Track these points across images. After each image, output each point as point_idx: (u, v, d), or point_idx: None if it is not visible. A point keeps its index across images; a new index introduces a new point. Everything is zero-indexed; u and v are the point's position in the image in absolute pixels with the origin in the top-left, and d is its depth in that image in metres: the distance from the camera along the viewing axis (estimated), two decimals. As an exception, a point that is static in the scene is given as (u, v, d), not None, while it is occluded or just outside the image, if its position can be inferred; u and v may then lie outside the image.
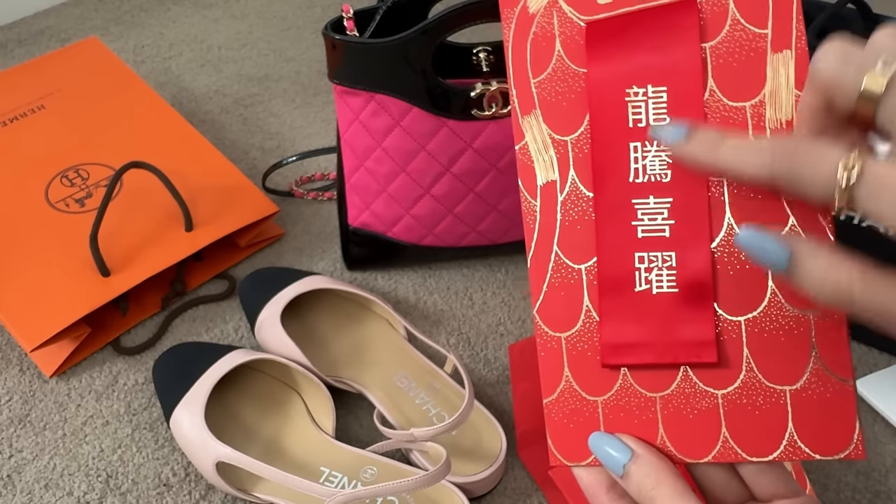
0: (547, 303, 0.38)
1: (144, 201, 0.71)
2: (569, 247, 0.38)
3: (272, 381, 0.62)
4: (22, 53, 1.01)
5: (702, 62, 0.37)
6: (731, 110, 0.37)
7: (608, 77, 0.38)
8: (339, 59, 0.62)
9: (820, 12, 0.61)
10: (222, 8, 1.11)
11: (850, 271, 0.31)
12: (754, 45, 0.37)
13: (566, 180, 0.38)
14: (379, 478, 0.56)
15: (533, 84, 0.39)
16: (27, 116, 0.78)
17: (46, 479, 0.58)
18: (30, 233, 0.69)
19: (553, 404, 0.38)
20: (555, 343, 0.38)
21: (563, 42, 0.39)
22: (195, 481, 0.58)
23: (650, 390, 0.37)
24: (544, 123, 0.39)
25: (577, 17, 0.39)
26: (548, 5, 0.39)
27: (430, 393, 0.61)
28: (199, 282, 0.72)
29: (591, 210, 0.38)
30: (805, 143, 0.31)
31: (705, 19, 0.37)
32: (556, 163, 0.39)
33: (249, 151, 0.86)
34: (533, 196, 0.39)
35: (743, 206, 0.36)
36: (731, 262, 0.36)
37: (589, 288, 0.38)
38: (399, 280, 0.73)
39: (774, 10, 0.37)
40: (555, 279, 0.38)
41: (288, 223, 0.78)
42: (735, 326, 0.36)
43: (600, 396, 0.37)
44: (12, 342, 0.67)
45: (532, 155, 0.39)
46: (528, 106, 0.39)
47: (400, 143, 0.64)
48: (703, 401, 0.36)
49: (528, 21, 0.40)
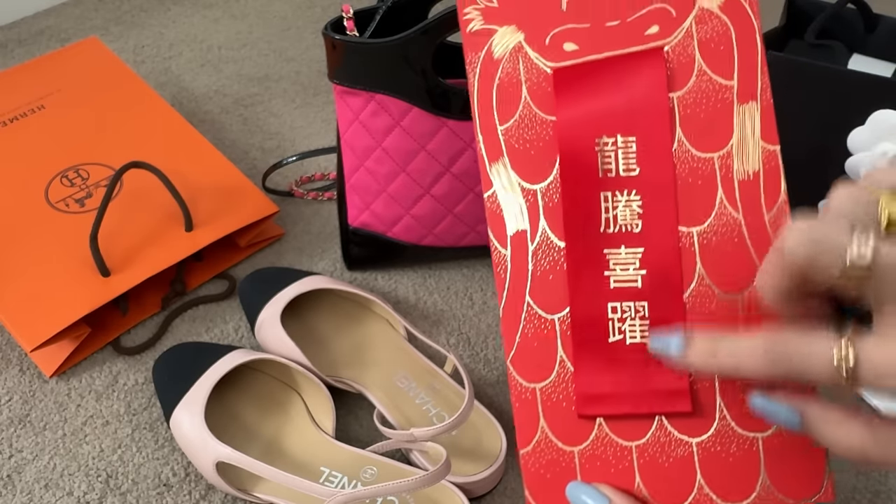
0: (520, 353, 0.38)
1: (144, 201, 0.71)
2: (541, 297, 0.38)
3: (272, 381, 0.62)
4: (22, 53, 1.01)
5: (669, 112, 0.37)
6: (700, 161, 0.37)
7: (577, 125, 0.38)
8: (339, 59, 0.62)
9: (820, 12, 0.61)
10: (222, 8, 1.11)
11: (861, 434, 0.32)
12: (721, 95, 0.37)
13: (537, 230, 0.38)
14: (379, 478, 0.56)
15: (500, 131, 0.39)
16: (27, 116, 0.78)
17: (46, 479, 0.58)
18: (30, 233, 0.69)
19: (529, 455, 0.38)
20: (529, 394, 0.38)
21: (530, 88, 0.39)
22: (195, 481, 0.58)
23: (626, 439, 0.37)
24: (513, 171, 0.39)
25: (544, 64, 0.39)
26: (513, 51, 0.39)
27: (430, 393, 0.61)
28: (199, 282, 0.72)
29: (562, 260, 0.38)
30: (795, 339, 0.32)
31: (672, 69, 0.37)
32: (527, 212, 0.38)
33: (249, 151, 0.86)
34: (503, 245, 0.38)
35: (713, 257, 0.37)
36: (703, 312, 0.37)
37: (563, 338, 0.38)
38: (399, 280, 0.73)
39: (739, 61, 0.37)
40: (527, 330, 0.38)
41: (288, 223, 0.78)
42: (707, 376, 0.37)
43: (576, 446, 0.38)
44: (12, 342, 0.67)
45: (501, 203, 0.39)
46: (495, 154, 0.39)
47: (400, 143, 0.64)
48: (678, 449, 0.37)
49: (493, 67, 0.39)
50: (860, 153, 0.55)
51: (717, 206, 0.37)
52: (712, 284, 0.37)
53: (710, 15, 0.37)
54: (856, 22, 0.62)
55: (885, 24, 0.61)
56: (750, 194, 0.37)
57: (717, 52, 0.37)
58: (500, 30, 0.39)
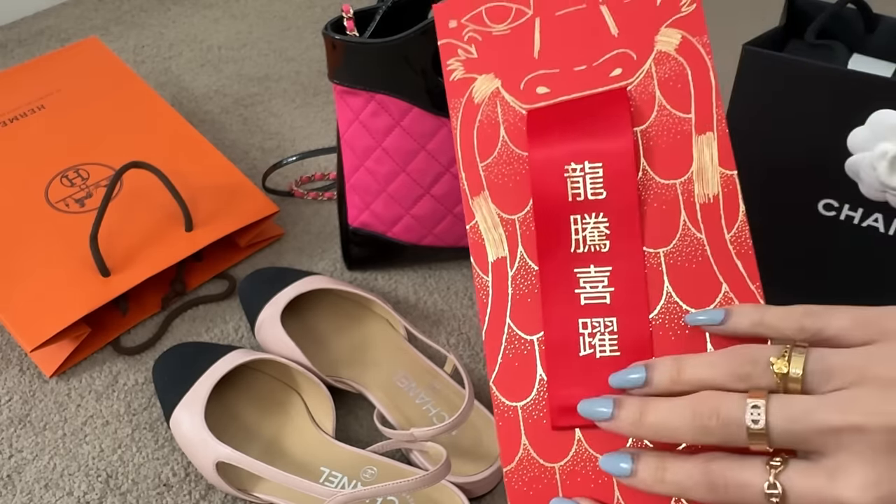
0: (502, 374, 0.40)
1: (144, 201, 0.71)
2: (521, 319, 0.40)
3: (272, 381, 0.62)
4: (22, 53, 1.01)
5: (634, 144, 0.40)
6: (663, 187, 0.40)
7: (548, 157, 0.41)
8: (339, 59, 0.62)
9: (820, 12, 0.61)
10: (222, 8, 1.11)
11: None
12: (680, 128, 0.40)
13: (515, 256, 0.41)
14: (379, 478, 0.56)
15: (481, 167, 0.42)
16: (27, 116, 0.78)
17: (46, 479, 0.58)
18: (30, 233, 0.69)
19: (512, 472, 0.39)
20: (511, 412, 0.40)
21: (507, 128, 0.42)
22: (195, 481, 0.58)
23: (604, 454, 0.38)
24: (493, 204, 0.42)
25: (519, 106, 0.42)
26: (491, 95, 0.43)
27: (430, 393, 0.61)
28: (199, 282, 0.72)
29: (539, 284, 0.40)
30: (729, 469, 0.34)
31: (635, 105, 0.41)
32: (506, 240, 0.41)
33: (249, 151, 0.86)
34: (485, 272, 0.41)
35: (679, 276, 0.39)
36: (672, 328, 0.38)
37: (542, 358, 0.40)
38: (399, 280, 0.73)
39: (696, 96, 0.40)
40: (509, 350, 0.40)
41: (288, 223, 0.78)
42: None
43: (557, 463, 0.39)
44: (12, 342, 0.67)
45: (482, 234, 0.42)
46: (476, 188, 0.42)
47: (400, 143, 0.64)
48: None
49: (474, 110, 0.43)
50: (860, 153, 0.55)
51: (682, 228, 0.39)
52: (679, 301, 0.39)
53: (667, 57, 0.41)
54: (856, 22, 0.62)
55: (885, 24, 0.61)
56: (711, 216, 0.39)
57: (675, 90, 0.40)
58: (479, 77, 0.43)
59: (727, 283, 0.38)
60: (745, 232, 0.38)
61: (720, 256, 0.38)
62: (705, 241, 0.39)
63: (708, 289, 0.38)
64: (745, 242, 0.38)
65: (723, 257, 0.38)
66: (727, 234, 0.39)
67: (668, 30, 0.41)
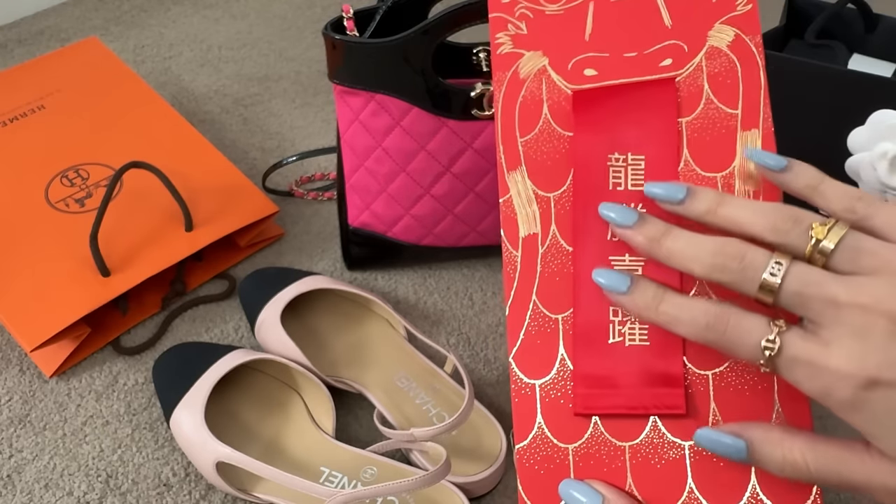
0: (523, 350, 0.40)
1: (144, 201, 0.71)
2: (547, 297, 0.40)
3: (272, 381, 0.62)
4: (22, 53, 1.01)
5: (678, 135, 0.40)
6: (704, 180, 0.40)
7: (592, 142, 0.41)
8: (339, 59, 0.62)
9: (820, 12, 0.61)
10: (222, 8, 1.11)
11: (803, 452, 0.34)
12: (726, 122, 0.40)
13: (548, 234, 0.41)
14: (379, 478, 0.56)
15: (520, 143, 0.42)
16: (27, 116, 0.78)
17: (46, 479, 0.58)
18: (30, 233, 0.69)
19: (525, 450, 0.39)
20: (529, 390, 0.39)
21: (551, 107, 0.42)
22: (195, 481, 0.58)
23: (620, 439, 0.38)
24: (529, 180, 0.42)
25: (565, 85, 0.42)
26: (538, 73, 0.43)
27: (430, 393, 0.61)
28: (199, 282, 0.72)
29: (569, 263, 0.40)
30: (735, 315, 0.35)
31: (682, 97, 0.41)
32: (539, 217, 0.41)
33: (249, 151, 0.86)
34: (514, 247, 0.41)
35: None
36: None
37: (565, 337, 0.40)
38: (399, 280, 0.73)
39: (744, 93, 0.40)
40: (532, 327, 0.40)
41: (288, 223, 0.78)
42: (703, 380, 0.38)
43: (571, 444, 0.39)
44: (12, 342, 0.67)
45: (516, 208, 0.41)
46: (514, 162, 0.42)
47: (400, 143, 0.64)
48: (671, 451, 0.38)
49: (518, 85, 0.43)
50: (860, 153, 0.55)
51: None
52: (711, 293, 0.39)
53: (719, 52, 0.41)
54: (856, 22, 0.62)
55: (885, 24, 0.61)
56: None
57: (724, 85, 0.41)
58: (527, 54, 0.43)
59: None
60: None
61: None
62: None
63: None
64: None
65: None
66: None
67: (722, 26, 0.41)
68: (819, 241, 0.34)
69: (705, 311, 0.35)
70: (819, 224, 0.35)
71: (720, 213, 0.37)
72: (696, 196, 0.37)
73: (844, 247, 0.34)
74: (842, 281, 0.33)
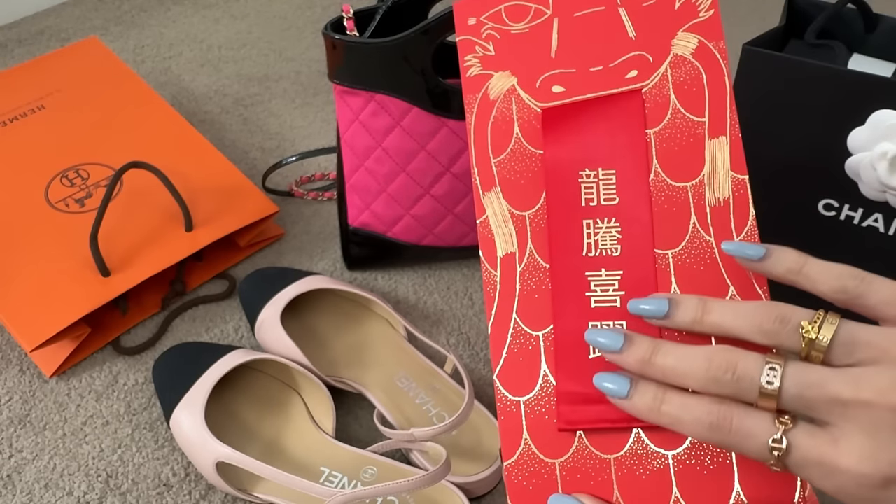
0: (506, 368, 0.40)
1: (144, 201, 0.71)
2: (527, 315, 0.40)
3: (272, 381, 0.62)
4: (22, 53, 1.01)
5: (647, 146, 0.40)
6: (674, 189, 0.40)
7: (563, 159, 0.41)
8: (339, 59, 0.62)
9: (820, 12, 0.61)
10: (222, 8, 1.11)
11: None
12: (693, 131, 0.40)
13: (524, 252, 0.41)
14: (379, 478, 0.56)
15: (493, 163, 0.43)
16: (27, 116, 0.78)
17: (46, 479, 0.58)
18: (30, 233, 0.69)
19: (513, 467, 0.39)
20: (514, 407, 0.40)
21: (521, 126, 0.43)
22: (195, 481, 0.58)
23: (605, 452, 0.38)
24: (504, 199, 0.42)
25: (534, 104, 0.43)
26: (507, 92, 0.43)
27: (430, 393, 0.61)
28: (199, 282, 0.72)
29: (547, 280, 0.40)
30: (738, 415, 0.34)
31: (649, 107, 0.41)
32: (515, 236, 0.41)
33: (249, 151, 0.86)
34: (493, 267, 0.41)
35: (687, 277, 0.39)
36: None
37: (546, 354, 0.40)
38: (399, 280, 0.73)
39: (710, 101, 0.40)
40: (514, 345, 0.40)
41: (288, 223, 0.78)
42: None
43: (558, 459, 0.39)
44: (12, 342, 0.67)
45: (492, 228, 0.42)
46: (489, 183, 0.42)
47: (400, 143, 0.64)
48: (655, 461, 0.38)
49: (489, 106, 0.43)
50: (860, 153, 0.55)
51: (691, 231, 0.40)
52: None
53: (683, 61, 0.41)
54: (856, 22, 0.62)
55: (885, 24, 0.61)
56: (721, 219, 0.39)
57: (690, 93, 0.41)
58: (496, 74, 0.44)
59: (734, 285, 0.38)
60: (754, 236, 0.39)
61: (728, 259, 0.39)
62: (714, 243, 0.39)
63: (715, 290, 0.38)
64: None
65: (731, 260, 0.38)
66: (736, 237, 0.39)
67: (685, 34, 0.41)
68: (812, 340, 0.34)
69: (708, 412, 0.34)
70: (808, 322, 0.34)
71: (706, 321, 0.36)
72: (679, 307, 0.37)
73: (839, 342, 0.33)
74: (842, 377, 0.33)
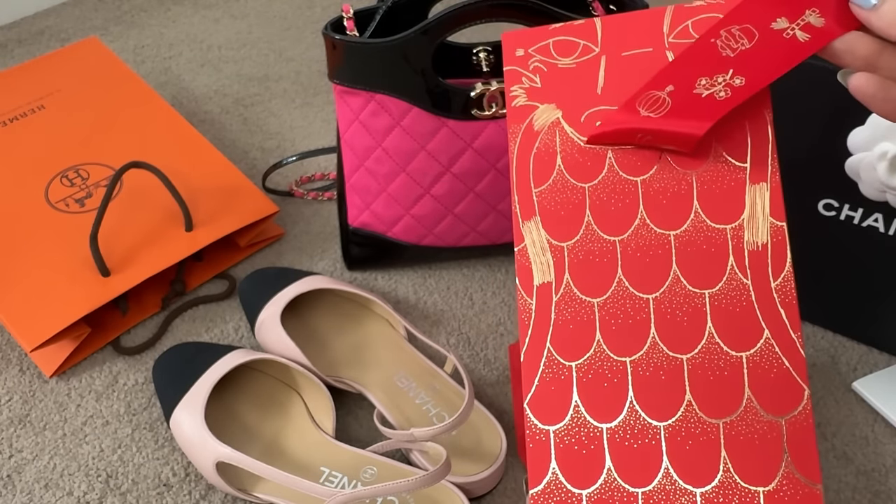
0: (538, 396, 0.40)
1: (144, 201, 0.71)
2: (561, 345, 0.41)
3: (272, 381, 0.62)
4: (22, 53, 1.01)
5: (689, 186, 0.41)
6: (714, 231, 0.41)
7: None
8: (340, 59, 0.62)
9: (820, 12, 0.61)
10: (222, 8, 1.11)
11: None
12: (735, 176, 0.41)
13: (561, 282, 0.42)
14: (379, 478, 0.56)
15: (534, 193, 0.43)
16: (27, 116, 0.78)
17: (46, 479, 0.58)
18: (30, 233, 0.69)
19: (539, 495, 0.39)
20: (543, 436, 0.40)
21: (564, 158, 0.43)
22: (195, 481, 0.58)
23: (633, 485, 0.38)
24: (543, 229, 0.42)
25: (578, 138, 0.43)
26: (552, 125, 0.44)
27: (430, 393, 0.61)
28: (199, 282, 0.72)
29: (582, 311, 0.41)
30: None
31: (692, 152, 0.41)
32: (553, 266, 0.42)
33: (249, 151, 0.86)
34: (529, 295, 0.42)
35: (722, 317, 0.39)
36: (710, 367, 0.39)
37: (578, 385, 0.40)
38: (399, 280, 0.73)
39: (752, 147, 0.41)
40: (546, 374, 0.41)
41: (288, 223, 0.78)
42: (713, 429, 0.39)
43: (585, 490, 0.39)
44: (12, 342, 0.67)
45: (530, 257, 0.42)
46: (528, 212, 0.43)
47: (400, 143, 0.64)
48: (682, 498, 0.38)
49: (532, 137, 0.44)
50: (860, 153, 0.55)
51: (728, 273, 0.40)
52: (720, 342, 0.39)
53: None
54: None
55: (885, 24, 0.61)
56: (758, 264, 0.40)
57: (734, 139, 0.41)
58: (541, 106, 0.44)
59: (769, 329, 0.39)
60: (790, 282, 0.39)
61: (764, 303, 0.39)
62: (751, 287, 0.40)
63: (750, 333, 0.39)
64: (789, 292, 0.39)
65: (767, 304, 0.39)
66: (773, 282, 0.39)
67: None
68: None
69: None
70: None
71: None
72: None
73: None
74: None
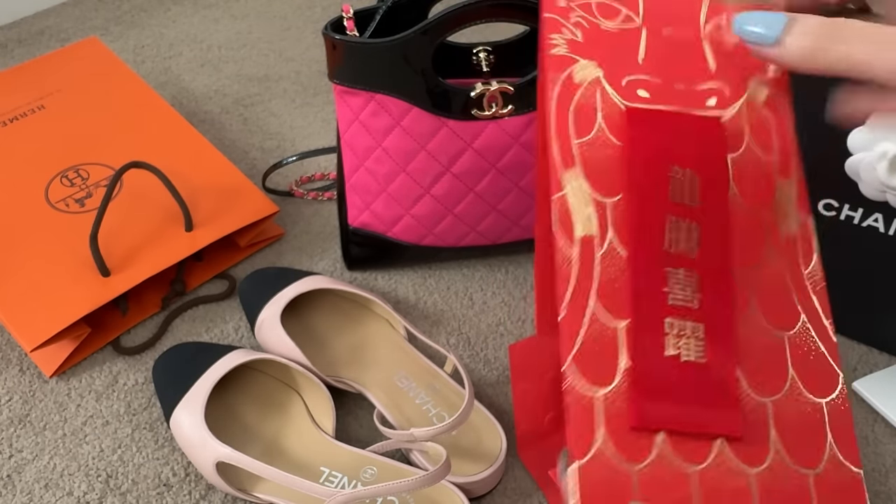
0: (581, 356, 0.38)
1: (144, 201, 0.71)
2: (608, 302, 0.39)
3: (272, 381, 0.62)
4: (22, 53, 1.01)
5: (726, 165, 0.42)
6: (749, 212, 0.41)
7: (652, 155, 0.41)
8: (340, 59, 0.62)
9: (820, 12, 0.61)
10: (222, 8, 1.11)
11: None
12: (765, 169, 0.42)
13: (605, 239, 0.40)
14: (379, 478, 0.56)
15: (574, 144, 0.42)
16: (27, 116, 0.78)
17: (46, 479, 0.58)
18: (30, 233, 0.69)
19: (587, 467, 0.36)
20: (587, 400, 0.37)
21: (605, 117, 0.43)
22: (195, 481, 0.58)
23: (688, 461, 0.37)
24: (585, 181, 0.41)
25: (619, 101, 0.43)
26: (593, 81, 0.43)
27: (430, 393, 0.61)
28: (199, 282, 0.72)
29: (626, 271, 0.39)
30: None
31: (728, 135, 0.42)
32: (596, 220, 0.41)
33: (249, 151, 0.86)
34: (571, 244, 0.40)
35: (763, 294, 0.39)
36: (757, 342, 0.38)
37: (626, 347, 0.38)
38: (399, 280, 0.73)
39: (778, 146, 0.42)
40: (591, 333, 0.39)
41: (288, 223, 0.78)
42: (762, 407, 0.38)
43: (637, 465, 0.37)
44: (12, 342, 0.67)
45: (571, 206, 0.41)
46: (569, 161, 0.42)
47: (400, 143, 0.64)
48: (736, 479, 0.36)
49: (572, 88, 0.43)
50: (860, 153, 0.55)
51: (767, 253, 0.40)
52: (762, 316, 0.39)
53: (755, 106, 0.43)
54: (856, 22, 0.62)
55: (885, 24, 0.61)
56: (790, 251, 0.40)
57: (761, 135, 0.42)
58: (581, 61, 0.44)
59: (805, 314, 0.39)
60: (819, 272, 0.40)
61: (798, 288, 0.40)
62: (787, 271, 0.40)
63: (789, 314, 0.39)
64: (819, 281, 0.40)
65: (801, 290, 0.40)
66: (804, 270, 0.40)
67: (759, 85, 0.43)
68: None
69: None
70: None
71: None
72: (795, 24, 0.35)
73: None
74: None
